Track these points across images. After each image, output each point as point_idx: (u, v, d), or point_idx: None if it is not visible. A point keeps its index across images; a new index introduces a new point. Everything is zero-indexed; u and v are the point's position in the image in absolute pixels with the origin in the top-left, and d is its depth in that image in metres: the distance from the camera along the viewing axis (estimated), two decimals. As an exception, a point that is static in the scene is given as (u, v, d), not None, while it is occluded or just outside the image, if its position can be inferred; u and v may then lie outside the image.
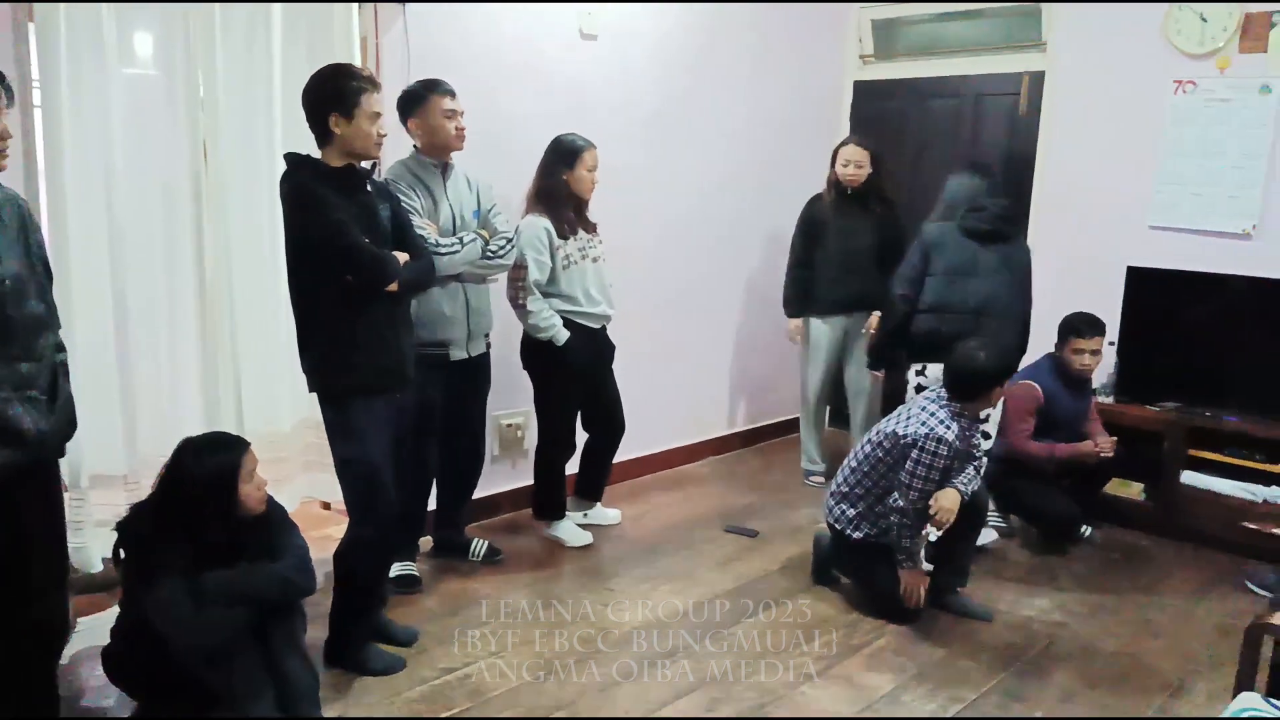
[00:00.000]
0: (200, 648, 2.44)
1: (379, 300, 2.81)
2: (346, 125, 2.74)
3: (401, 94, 3.41)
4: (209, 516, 2.51)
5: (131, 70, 3.21)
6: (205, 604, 2.43)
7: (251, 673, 2.51)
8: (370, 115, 2.75)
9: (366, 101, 2.74)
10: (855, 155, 4.55)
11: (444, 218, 3.39)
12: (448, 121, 3.36)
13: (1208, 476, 4.19)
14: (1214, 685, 3.04)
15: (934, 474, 3.28)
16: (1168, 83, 4.48)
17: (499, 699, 2.88)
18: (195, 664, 2.45)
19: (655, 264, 4.81)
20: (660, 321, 4.89)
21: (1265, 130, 4.25)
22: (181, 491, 2.52)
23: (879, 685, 3.02)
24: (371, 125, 2.76)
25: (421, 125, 3.37)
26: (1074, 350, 4.11)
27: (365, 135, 2.76)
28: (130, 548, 2.53)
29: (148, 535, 2.51)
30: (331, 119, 2.73)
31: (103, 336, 3.17)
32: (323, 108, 2.74)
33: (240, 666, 2.49)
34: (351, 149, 2.77)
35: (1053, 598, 3.68)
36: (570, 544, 4.01)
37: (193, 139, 3.29)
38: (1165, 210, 4.54)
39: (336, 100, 2.73)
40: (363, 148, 2.79)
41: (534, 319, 3.70)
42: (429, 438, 3.46)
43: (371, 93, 2.76)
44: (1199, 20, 4.36)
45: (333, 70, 2.81)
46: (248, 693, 2.48)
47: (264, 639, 2.56)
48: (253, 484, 2.57)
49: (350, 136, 2.75)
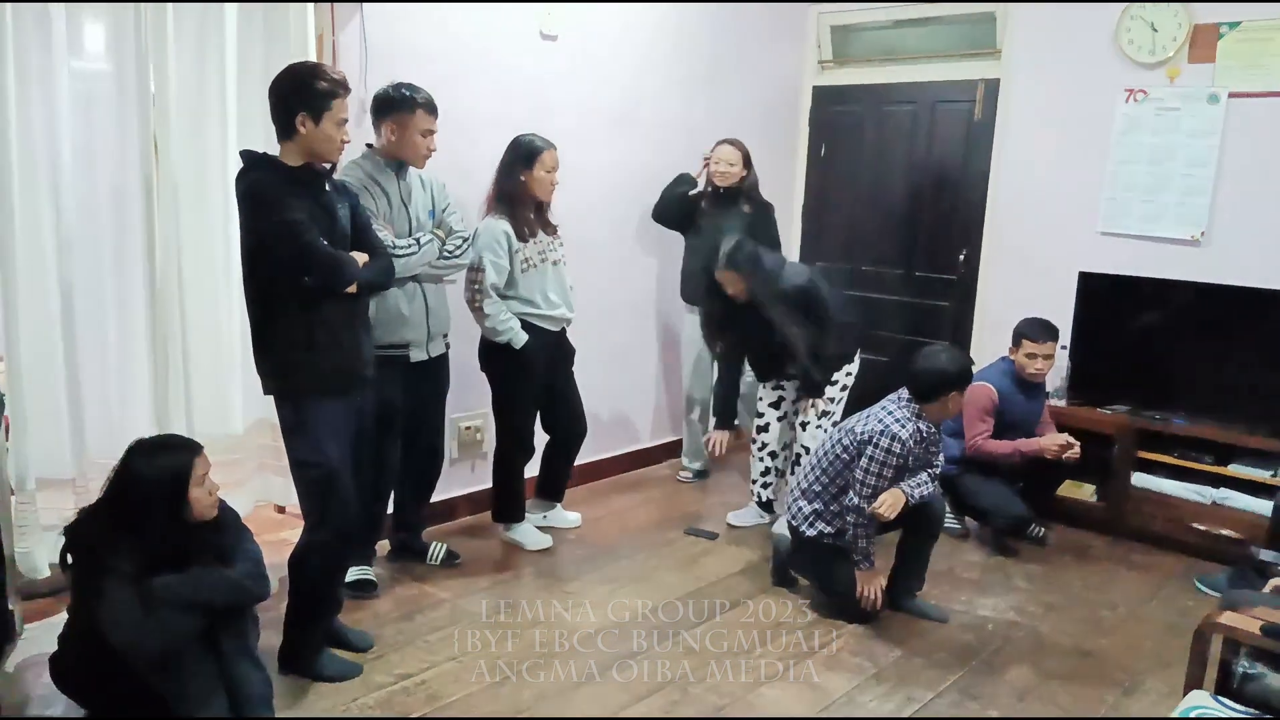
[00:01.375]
0: (149, 653, 2.39)
1: (337, 301, 2.77)
2: (313, 127, 2.69)
3: (383, 93, 3.35)
4: (158, 520, 2.47)
5: (80, 63, 3.15)
6: (155, 609, 2.38)
7: (203, 679, 2.46)
8: (338, 121, 2.72)
9: (337, 106, 2.70)
10: (728, 155, 4.57)
11: (400, 219, 3.35)
12: (423, 140, 3.34)
13: (1157, 478, 4.26)
14: (1164, 683, 3.09)
15: (887, 471, 3.31)
16: (1119, 91, 4.56)
17: (456, 704, 2.85)
18: (144, 670, 2.40)
19: (616, 265, 4.80)
20: (621, 323, 4.88)
21: (1213, 139, 4.34)
22: (131, 494, 2.47)
23: (837, 686, 3.04)
24: (338, 131, 2.72)
25: (396, 134, 3.32)
26: (1027, 354, 4.17)
27: (329, 140, 2.72)
28: (78, 552, 2.48)
29: (96, 539, 2.46)
30: (299, 118, 2.68)
31: (49, 337, 3.10)
32: (291, 105, 2.69)
33: (192, 672, 2.45)
34: (313, 151, 2.73)
35: (1007, 598, 3.73)
36: (529, 547, 3.98)
37: (143, 135, 3.23)
38: (1116, 217, 4.63)
39: (307, 100, 2.68)
40: (325, 152, 2.74)
41: (491, 321, 3.67)
42: (388, 440, 3.41)
43: (343, 98, 2.72)
44: (1150, 30, 4.44)
45: (308, 69, 2.76)
46: (199, 699, 2.43)
47: (216, 644, 2.51)
48: (204, 488, 2.53)
49: (314, 139, 2.71)
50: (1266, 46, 4.18)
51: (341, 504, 2.83)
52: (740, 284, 3.94)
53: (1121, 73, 4.54)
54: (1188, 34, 4.35)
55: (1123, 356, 4.50)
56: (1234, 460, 4.12)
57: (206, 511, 2.55)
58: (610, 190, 4.68)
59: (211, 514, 2.57)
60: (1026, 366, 4.18)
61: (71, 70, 3.07)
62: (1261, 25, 4.19)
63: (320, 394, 2.79)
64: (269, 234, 2.67)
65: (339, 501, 2.83)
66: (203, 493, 2.53)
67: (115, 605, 2.38)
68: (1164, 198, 4.49)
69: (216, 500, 2.58)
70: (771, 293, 3.92)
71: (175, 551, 2.49)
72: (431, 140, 3.36)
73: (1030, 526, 4.25)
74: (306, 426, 2.79)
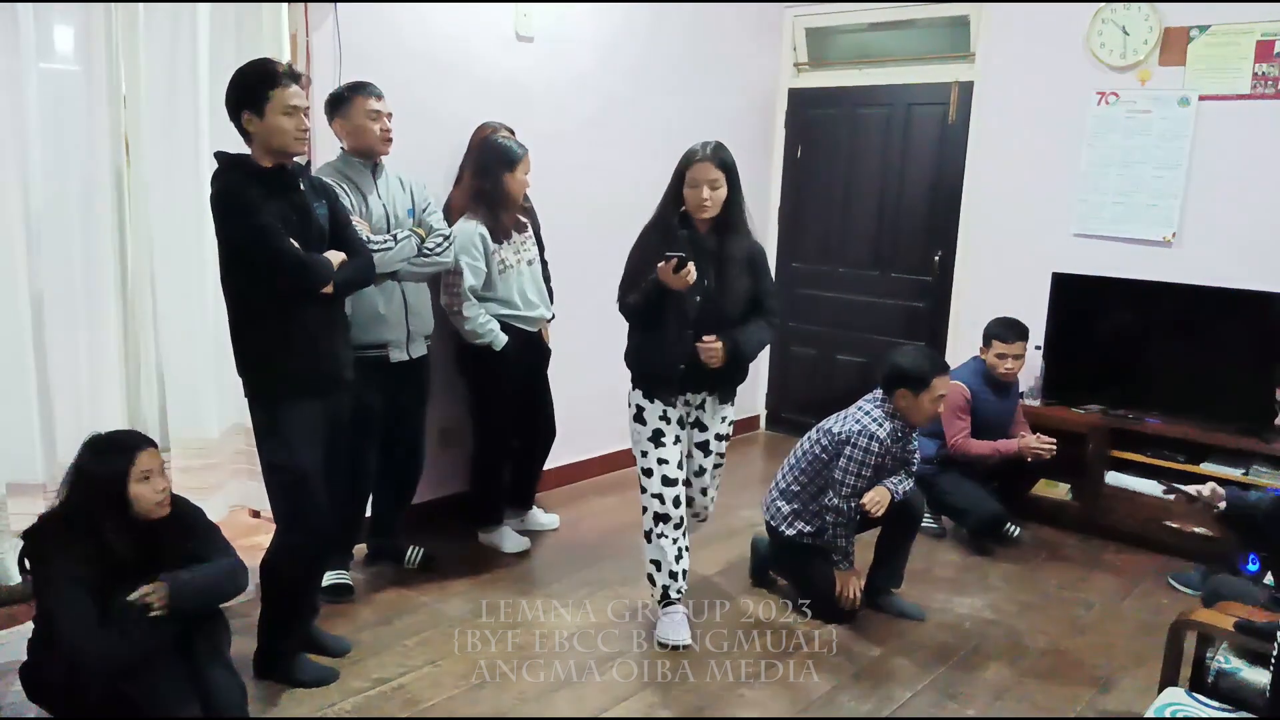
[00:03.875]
0: (104, 659, 2.34)
1: (313, 301, 2.74)
2: (259, 122, 2.64)
3: (328, 96, 3.36)
4: (104, 519, 2.41)
5: (49, 65, 3.11)
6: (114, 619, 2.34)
7: (175, 685, 2.43)
8: (284, 109, 2.64)
9: (278, 96, 2.63)
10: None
11: (376, 215, 3.33)
12: (372, 123, 3.31)
13: (1131, 477, 4.30)
14: (1139, 681, 3.12)
15: (866, 470, 3.33)
16: (1091, 94, 4.60)
17: (435, 708, 2.83)
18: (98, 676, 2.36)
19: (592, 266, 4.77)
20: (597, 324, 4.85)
21: (1184, 141, 4.38)
22: (75, 494, 2.44)
23: (816, 685, 3.04)
24: (287, 119, 2.65)
25: (346, 126, 3.33)
26: (997, 355, 4.22)
27: (279, 130, 2.65)
28: (35, 558, 2.44)
29: (52, 544, 2.41)
30: (244, 117, 2.65)
31: (19, 340, 3.06)
32: (237, 107, 2.66)
33: (163, 678, 2.41)
34: (269, 145, 2.67)
35: (983, 597, 3.75)
36: (507, 550, 3.97)
37: (114, 136, 3.20)
38: (1088, 218, 4.67)
39: (248, 98, 2.64)
40: (280, 144, 2.67)
41: (470, 324, 3.66)
42: (366, 442, 3.39)
43: (284, 86, 2.65)
44: (1121, 33, 4.49)
45: (246, 68, 2.70)
46: (171, 706, 2.40)
47: (188, 649, 2.48)
48: (149, 485, 2.45)
49: (265, 133, 2.65)
50: (1236, 50, 4.23)
51: (314, 507, 2.80)
52: (720, 184, 3.05)
53: (1093, 75, 4.59)
54: (1158, 37, 4.40)
55: (1096, 357, 4.54)
56: (1207, 459, 4.16)
57: (153, 510, 2.47)
58: (584, 191, 4.67)
59: (160, 512, 2.49)
60: (997, 366, 4.22)
61: (40, 72, 3.03)
62: (1231, 29, 4.24)
63: (293, 396, 2.76)
64: (239, 238, 2.65)
65: (311, 504, 2.79)
66: (147, 489, 2.45)
67: (65, 613, 2.33)
68: (1136, 199, 4.53)
69: (165, 499, 2.51)
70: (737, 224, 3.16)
71: (137, 554, 2.44)
72: (382, 121, 3.33)
73: (1006, 526, 4.27)
74: (278, 428, 2.76)
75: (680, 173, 3.10)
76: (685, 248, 3.01)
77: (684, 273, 2.95)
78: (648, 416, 3.23)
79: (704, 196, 3.04)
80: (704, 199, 3.04)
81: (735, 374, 3.29)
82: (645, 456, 3.24)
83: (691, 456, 3.39)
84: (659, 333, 3.15)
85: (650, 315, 3.13)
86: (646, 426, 3.24)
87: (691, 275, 2.97)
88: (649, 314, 3.13)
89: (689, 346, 3.11)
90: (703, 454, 3.41)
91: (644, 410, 3.24)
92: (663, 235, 3.10)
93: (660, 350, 3.17)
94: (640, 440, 3.25)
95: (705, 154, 3.05)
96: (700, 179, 3.04)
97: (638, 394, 3.27)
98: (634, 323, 3.25)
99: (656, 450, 3.22)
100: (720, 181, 3.05)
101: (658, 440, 3.22)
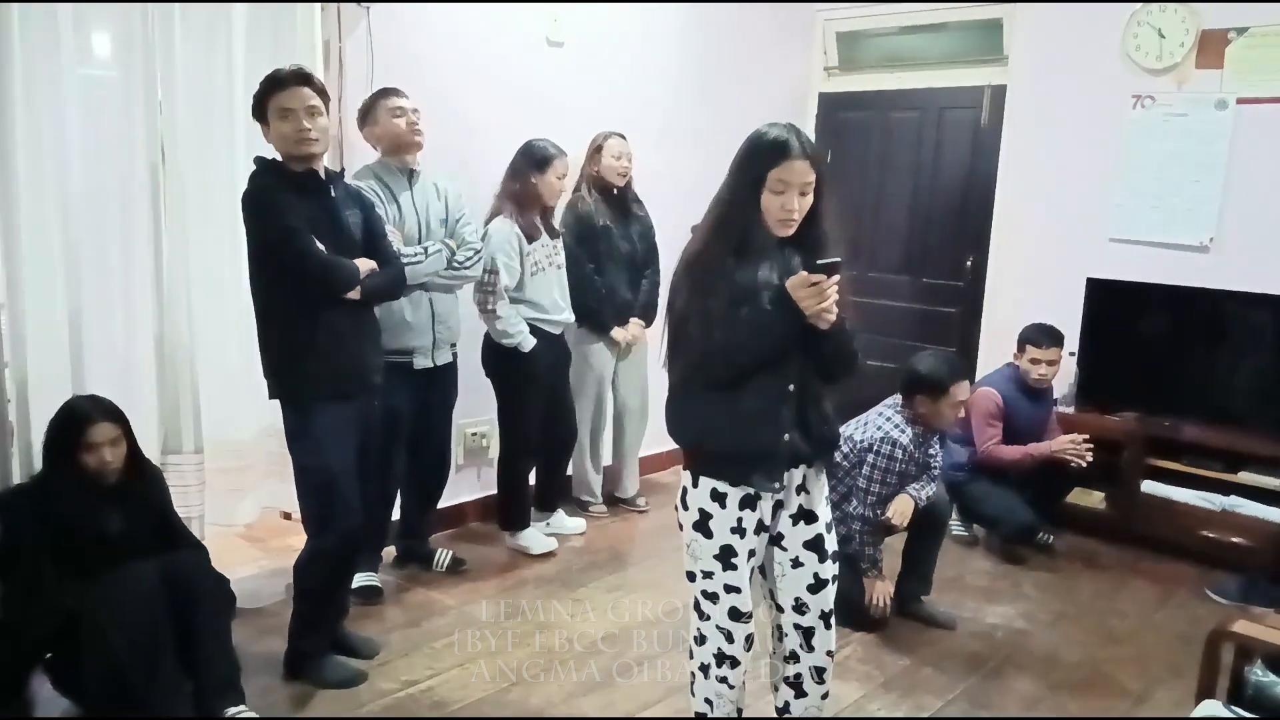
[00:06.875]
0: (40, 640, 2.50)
1: (340, 306, 2.76)
2: (268, 131, 2.72)
3: (358, 110, 3.43)
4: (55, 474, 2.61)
5: (88, 70, 3.15)
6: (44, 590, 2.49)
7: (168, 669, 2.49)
8: (280, 112, 2.67)
9: (273, 101, 2.67)
10: (626, 149, 4.17)
11: (409, 224, 3.36)
12: (397, 119, 3.35)
13: (1167, 485, 4.23)
14: (1176, 693, 3.06)
15: (890, 478, 3.31)
16: (1126, 97, 4.54)
17: (462, 710, 2.84)
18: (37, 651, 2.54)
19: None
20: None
21: (1221, 144, 4.32)
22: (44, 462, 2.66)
23: (845, 694, 3.02)
24: (286, 122, 2.67)
25: (375, 131, 3.40)
26: (1031, 360, 4.17)
27: (281, 136, 2.69)
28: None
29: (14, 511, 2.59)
30: (263, 131, 2.74)
31: (57, 342, 3.09)
32: (256, 119, 2.75)
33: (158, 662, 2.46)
34: (285, 153, 2.72)
35: (1015, 605, 3.70)
36: (535, 551, 3.97)
37: (150, 141, 3.23)
38: (1124, 223, 4.61)
39: (256, 109, 2.73)
40: (285, 149, 2.71)
41: (502, 324, 3.68)
42: (394, 446, 3.41)
43: (279, 91, 2.67)
44: (1157, 36, 4.43)
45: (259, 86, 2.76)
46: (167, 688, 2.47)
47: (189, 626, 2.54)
48: (96, 455, 2.61)
49: (276, 141, 2.72)
50: (1275, 52, 4.17)
51: (344, 509, 2.82)
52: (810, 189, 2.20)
53: (1129, 79, 4.53)
54: (1195, 40, 4.33)
55: (1131, 363, 4.48)
56: (1244, 467, 4.09)
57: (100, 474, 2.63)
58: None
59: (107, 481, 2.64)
60: (1030, 372, 4.17)
61: (79, 77, 3.07)
62: (1270, 31, 4.17)
63: (322, 398, 2.78)
64: (267, 239, 2.70)
65: (341, 506, 2.82)
66: (94, 459, 2.60)
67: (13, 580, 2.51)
68: (1172, 204, 4.47)
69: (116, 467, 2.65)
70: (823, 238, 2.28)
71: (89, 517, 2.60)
72: (408, 116, 3.36)
73: (1038, 534, 4.22)
74: (308, 431, 2.79)
75: (759, 174, 2.16)
76: (778, 275, 2.22)
77: (829, 291, 2.11)
78: (716, 525, 2.29)
79: (793, 206, 2.17)
80: (792, 209, 2.17)
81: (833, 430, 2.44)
82: (709, 579, 2.33)
83: (801, 566, 2.37)
84: (751, 388, 2.21)
85: (757, 364, 2.21)
86: (713, 540, 2.30)
87: (834, 294, 2.14)
88: (758, 362, 2.21)
89: (794, 403, 2.26)
90: (817, 557, 2.37)
91: (711, 517, 2.31)
92: (742, 258, 2.22)
93: (762, 413, 2.23)
94: (702, 556, 2.33)
95: (799, 147, 2.15)
96: (792, 181, 2.15)
97: (703, 492, 2.31)
98: (728, 376, 2.21)
99: (725, 574, 2.31)
100: (811, 185, 2.19)
101: (727, 560, 2.30)
